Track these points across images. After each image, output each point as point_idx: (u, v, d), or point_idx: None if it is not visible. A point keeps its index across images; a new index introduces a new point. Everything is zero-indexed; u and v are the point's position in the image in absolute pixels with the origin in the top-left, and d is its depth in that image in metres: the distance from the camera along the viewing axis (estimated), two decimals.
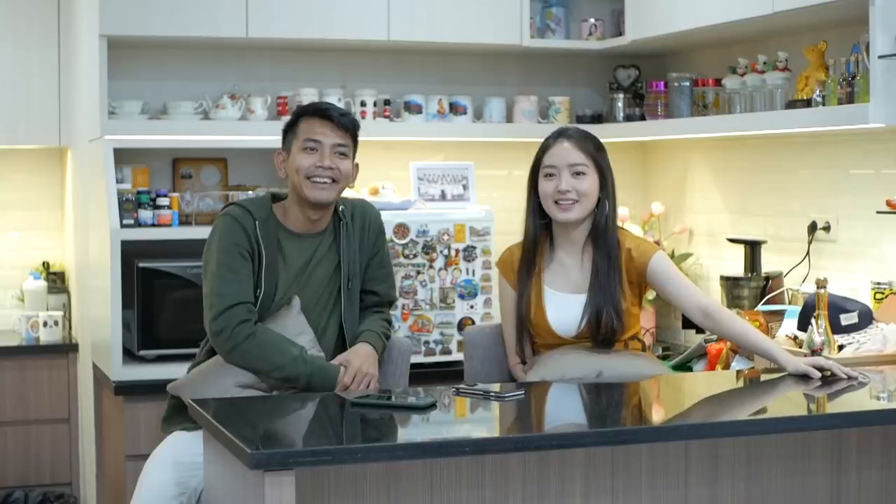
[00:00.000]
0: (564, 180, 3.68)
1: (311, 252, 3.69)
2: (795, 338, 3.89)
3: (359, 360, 3.62)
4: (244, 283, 3.58)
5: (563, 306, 3.73)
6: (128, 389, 4.49)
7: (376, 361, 3.68)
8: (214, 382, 3.53)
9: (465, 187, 5.11)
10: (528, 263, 3.77)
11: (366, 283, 3.78)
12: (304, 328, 3.63)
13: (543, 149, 3.76)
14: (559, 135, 3.76)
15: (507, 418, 3.14)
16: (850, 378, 3.42)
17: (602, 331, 3.67)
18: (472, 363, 3.94)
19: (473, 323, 4.81)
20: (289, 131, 3.72)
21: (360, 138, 3.74)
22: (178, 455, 3.51)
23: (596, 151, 3.73)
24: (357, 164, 3.76)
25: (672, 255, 5.21)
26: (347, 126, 3.69)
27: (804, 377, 3.44)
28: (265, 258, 3.60)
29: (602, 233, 3.70)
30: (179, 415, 3.59)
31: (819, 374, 3.43)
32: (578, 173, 3.69)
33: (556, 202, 3.70)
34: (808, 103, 4.22)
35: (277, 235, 3.66)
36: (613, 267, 3.68)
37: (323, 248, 3.70)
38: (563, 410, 3.38)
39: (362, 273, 3.76)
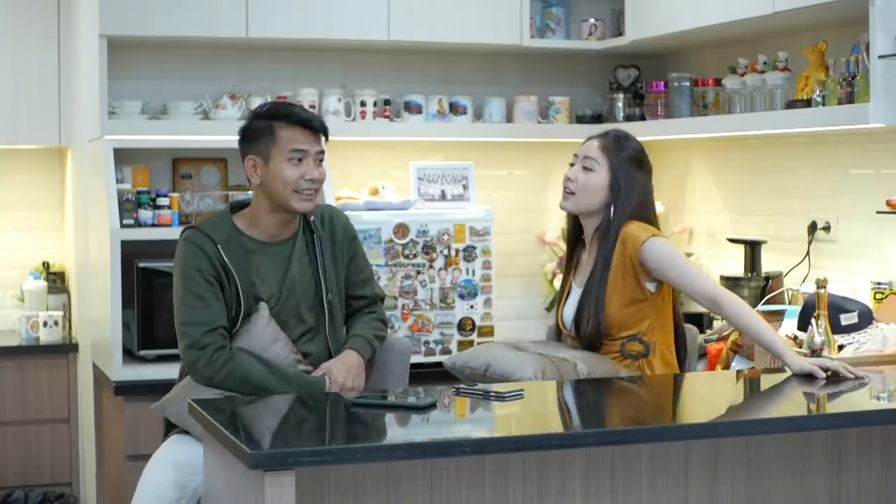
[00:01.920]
0: (573, 168, 3.74)
1: (285, 262, 3.59)
2: (795, 338, 3.88)
3: (342, 374, 3.55)
4: (213, 307, 3.48)
5: (573, 301, 3.76)
6: (128, 389, 4.50)
7: (362, 370, 3.61)
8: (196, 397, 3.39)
9: (465, 187, 5.11)
10: (568, 257, 3.87)
11: (350, 288, 3.72)
12: (278, 335, 3.54)
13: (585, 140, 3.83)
14: (603, 133, 3.80)
15: (507, 418, 3.14)
16: (857, 378, 3.41)
17: (578, 332, 3.69)
18: None
19: (473, 323, 4.82)
20: (261, 137, 3.56)
21: (360, 138, 3.74)
22: (178, 457, 3.49)
23: (619, 157, 3.70)
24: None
25: None
26: (326, 132, 3.63)
27: (808, 377, 3.43)
28: (238, 279, 3.50)
29: (603, 236, 3.70)
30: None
31: (824, 375, 3.42)
32: (587, 168, 3.71)
33: (564, 188, 3.76)
34: (808, 103, 4.22)
35: (245, 251, 3.56)
36: (606, 272, 3.66)
37: (297, 257, 3.61)
38: (564, 410, 3.38)
39: (343, 281, 3.69)
